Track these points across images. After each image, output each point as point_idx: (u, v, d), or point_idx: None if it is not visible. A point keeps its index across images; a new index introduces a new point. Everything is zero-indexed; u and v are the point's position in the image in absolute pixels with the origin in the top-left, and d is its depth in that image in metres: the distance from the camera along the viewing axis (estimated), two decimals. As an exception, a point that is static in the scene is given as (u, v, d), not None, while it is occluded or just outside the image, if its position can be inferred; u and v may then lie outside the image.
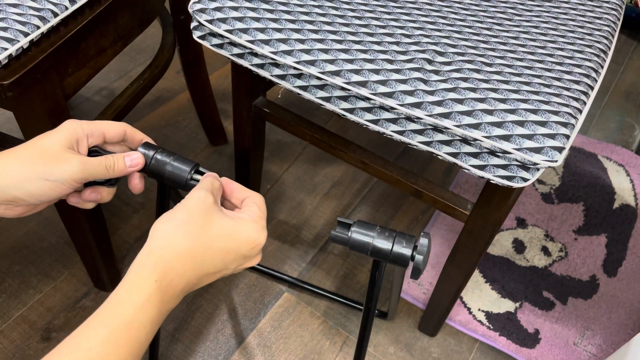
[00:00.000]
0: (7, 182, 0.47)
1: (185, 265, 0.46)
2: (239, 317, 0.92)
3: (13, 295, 0.91)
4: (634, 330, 0.94)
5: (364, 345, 0.67)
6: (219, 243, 0.48)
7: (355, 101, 0.59)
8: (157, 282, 0.44)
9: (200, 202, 0.48)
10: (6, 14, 0.57)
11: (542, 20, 0.67)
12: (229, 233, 0.48)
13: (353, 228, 0.54)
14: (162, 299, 0.44)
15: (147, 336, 0.43)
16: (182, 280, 0.46)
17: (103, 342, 0.40)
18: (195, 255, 0.47)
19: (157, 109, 1.23)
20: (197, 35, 0.66)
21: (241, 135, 0.83)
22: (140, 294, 0.43)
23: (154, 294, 0.43)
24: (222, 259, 0.49)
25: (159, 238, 0.46)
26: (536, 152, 0.52)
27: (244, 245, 0.49)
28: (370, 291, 0.59)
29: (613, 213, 1.11)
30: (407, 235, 0.53)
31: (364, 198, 1.11)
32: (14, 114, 0.62)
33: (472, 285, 0.98)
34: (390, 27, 0.62)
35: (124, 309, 0.42)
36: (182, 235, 0.46)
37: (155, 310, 0.44)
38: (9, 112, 0.66)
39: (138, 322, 0.42)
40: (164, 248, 0.45)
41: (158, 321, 0.44)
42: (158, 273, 0.44)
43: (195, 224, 0.47)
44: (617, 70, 1.49)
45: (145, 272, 0.44)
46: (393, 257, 0.53)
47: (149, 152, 0.55)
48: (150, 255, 0.45)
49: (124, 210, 1.04)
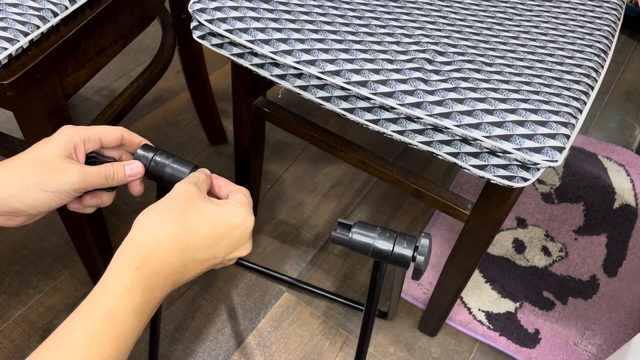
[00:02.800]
0: (5, 194, 0.47)
1: (167, 250, 0.45)
2: (239, 317, 0.92)
3: (13, 295, 0.91)
4: (634, 330, 0.94)
5: (364, 345, 0.67)
6: (203, 227, 0.47)
7: (355, 101, 0.59)
8: (137, 269, 0.43)
9: (182, 191, 0.48)
10: (6, 14, 0.57)
11: (543, 20, 0.67)
12: (213, 217, 0.48)
13: (354, 229, 0.54)
14: (146, 286, 0.44)
15: (133, 326, 0.43)
16: (165, 266, 0.45)
17: (87, 334, 0.40)
18: (177, 240, 0.46)
19: (157, 108, 1.23)
20: (197, 35, 0.66)
21: (241, 135, 0.83)
22: (121, 282, 0.43)
23: (135, 282, 0.43)
24: (208, 244, 0.48)
25: (139, 226, 0.46)
26: (536, 152, 0.52)
27: (230, 229, 0.49)
28: (371, 292, 0.59)
29: (613, 213, 1.11)
30: (408, 236, 0.53)
31: (364, 198, 1.11)
32: (14, 113, 0.62)
33: (472, 285, 0.98)
34: (391, 27, 0.62)
35: (106, 299, 0.42)
36: (162, 220, 0.46)
37: (139, 299, 0.43)
38: (9, 112, 0.66)
39: (121, 311, 0.42)
40: (144, 234, 0.45)
41: (144, 310, 0.44)
42: (138, 261, 0.44)
43: (177, 209, 0.47)
44: (618, 70, 1.49)
45: (125, 260, 0.44)
46: (394, 258, 0.53)
47: (147, 154, 0.55)
48: (130, 243, 0.45)
49: (124, 210, 1.04)
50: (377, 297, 0.60)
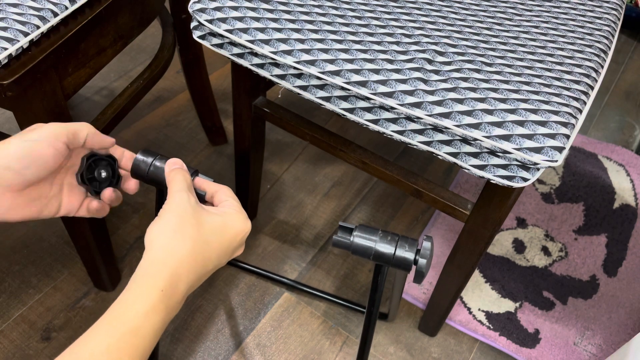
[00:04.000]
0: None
1: (188, 269, 0.46)
2: (239, 317, 0.92)
3: (13, 295, 0.91)
4: (634, 330, 0.94)
5: (366, 348, 0.67)
6: (215, 241, 0.48)
7: (355, 101, 0.59)
8: (162, 291, 0.44)
9: (186, 203, 0.48)
10: (6, 14, 0.57)
11: (543, 20, 0.67)
12: (221, 229, 0.49)
13: (355, 232, 0.53)
14: (167, 306, 0.44)
15: (150, 345, 0.43)
16: (185, 284, 0.46)
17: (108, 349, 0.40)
18: (196, 257, 0.47)
19: (157, 108, 1.23)
20: (197, 35, 0.66)
21: (241, 135, 0.83)
22: (145, 302, 0.43)
23: (159, 303, 0.43)
24: (219, 255, 0.49)
25: (159, 248, 0.46)
26: (536, 152, 0.52)
27: (234, 237, 0.50)
28: (373, 295, 0.59)
29: (613, 213, 1.11)
30: (409, 239, 0.53)
31: (364, 198, 1.11)
32: (14, 114, 0.62)
33: (472, 285, 0.98)
34: (390, 27, 0.62)
35: (129, 317, 0.42)
36: (181, 240, 0.46)
37: (160, 319, 0.43)
38: (9, 112, 0.66)
39: (143, 330, 0.42)
40: (167, 256, 0.45)
41: (161, 329, 0.44)
42: (163, 282, 0.44)
43: (190, 226, 0.47)
44: (617, 70, 1.49)
45: (150, 282, 0.44)
46: (396, 261, 0.52)
47: (147, 159, 0.55)
48: (153, 265, 0.45)
49: (124, 210, 1.04)
50: (378, 300, 0.59)
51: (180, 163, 0.53)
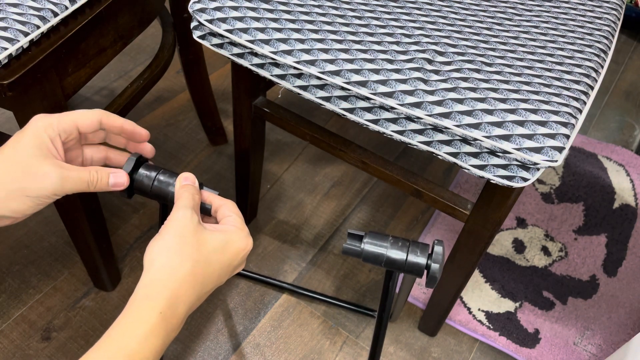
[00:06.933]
0: None
1: (188, 290, 0.45)
2: (239, 317, 0.92)
3: (13, 295, 0.91)
4: (634, 330, 0.94)
5: (376, 354, 0.66)
6: (216, 260, 0.48)
7: (355, 101, 0.59)
8: (161, 313, 0.43)
9: (188, 221, 0.48)
10: (6, 14, 0.57)
11: (542, 20, 0.67)
12: (222, 248, 0.49)
13: (365, 239, 0.53)
14: (166, 329, 0.44)
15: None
16: (185, 305, 0.45)
17: None
18: (195, 278, 0.46)
19: (157, 109, 1.23)
20: (197, 35, 0.66)
21: (241, 135, 0.83)
22: (145, 326, 0.42)
23: (157, 326, 0.43)
24: (220, 275, 0.49)
25: (159, 268, 0.45)
26: (536, 151, 0.52)
27: (235, 255, 0.50)
28: (384, 301, 0.58)
29: (613, 213, 1.11)
30: (421, 244, 0.52)
31: (364, 198, 1.11)
32: (14, 113, 0.62)
33: (472, 285, 0.98)
34: (390, 27, 0.62)
35: (128, 341, 0.42)
36: (180, 261, 0.46)
37: (159, 342, 0.43)
38: (9, 112, 0.65)
39: (142, 354, 0.42)
40: (166, 277, 0.45)
41: (161, 352, 0.44)
42: (163, 305, 0.44)
43: (190, 246, 0.46)
44: (617, 70, 1.49)
45: (149, 304, 0.43)
46: (408, 267, 0.52)
47: (150, 173, 0.54)
48: (152, 286, 0.44)
49: (124, 210, 1.04)
50: (389, 306, 0.59)
51: (192, 179, 0.53)
